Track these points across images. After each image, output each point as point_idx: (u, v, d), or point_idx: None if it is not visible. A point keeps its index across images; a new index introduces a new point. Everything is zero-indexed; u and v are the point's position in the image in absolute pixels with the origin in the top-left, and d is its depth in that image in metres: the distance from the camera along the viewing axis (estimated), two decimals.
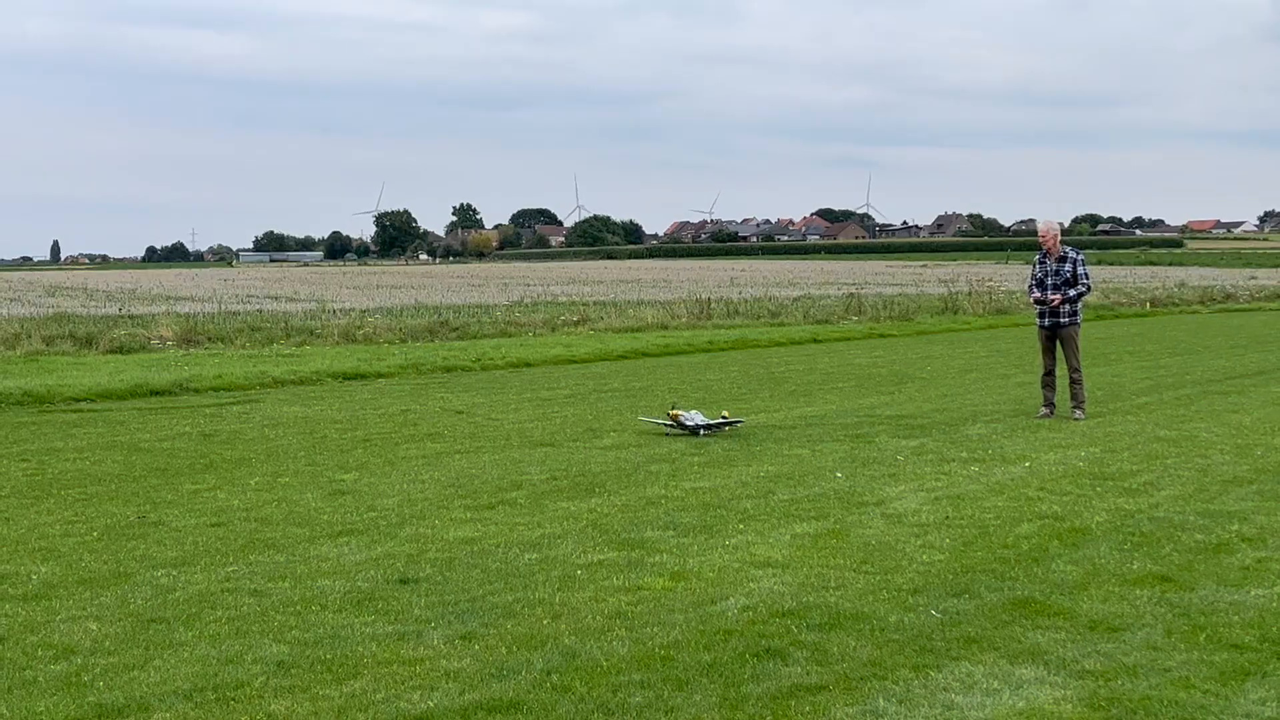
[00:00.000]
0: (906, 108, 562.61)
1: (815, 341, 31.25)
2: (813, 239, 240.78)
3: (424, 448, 13.96)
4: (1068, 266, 15.85)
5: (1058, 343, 16.07)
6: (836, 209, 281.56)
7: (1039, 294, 16.08)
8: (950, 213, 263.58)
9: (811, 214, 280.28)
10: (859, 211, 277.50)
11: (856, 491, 11.09)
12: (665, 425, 14.84)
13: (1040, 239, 16.07)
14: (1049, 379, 16.11)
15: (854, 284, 62.61)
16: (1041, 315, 16.17)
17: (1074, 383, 15.90)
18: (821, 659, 6.61)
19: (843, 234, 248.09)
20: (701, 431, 14.52)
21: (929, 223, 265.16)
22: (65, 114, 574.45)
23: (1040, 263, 16.10)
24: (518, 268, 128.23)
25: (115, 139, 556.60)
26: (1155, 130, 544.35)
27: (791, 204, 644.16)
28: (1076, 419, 15.55)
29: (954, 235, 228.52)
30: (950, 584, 8.02)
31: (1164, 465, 12.29)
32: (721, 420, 14.88)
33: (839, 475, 11.89)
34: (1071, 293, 15.83)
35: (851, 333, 33.50)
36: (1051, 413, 15.87)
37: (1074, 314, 15.97)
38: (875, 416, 16.13)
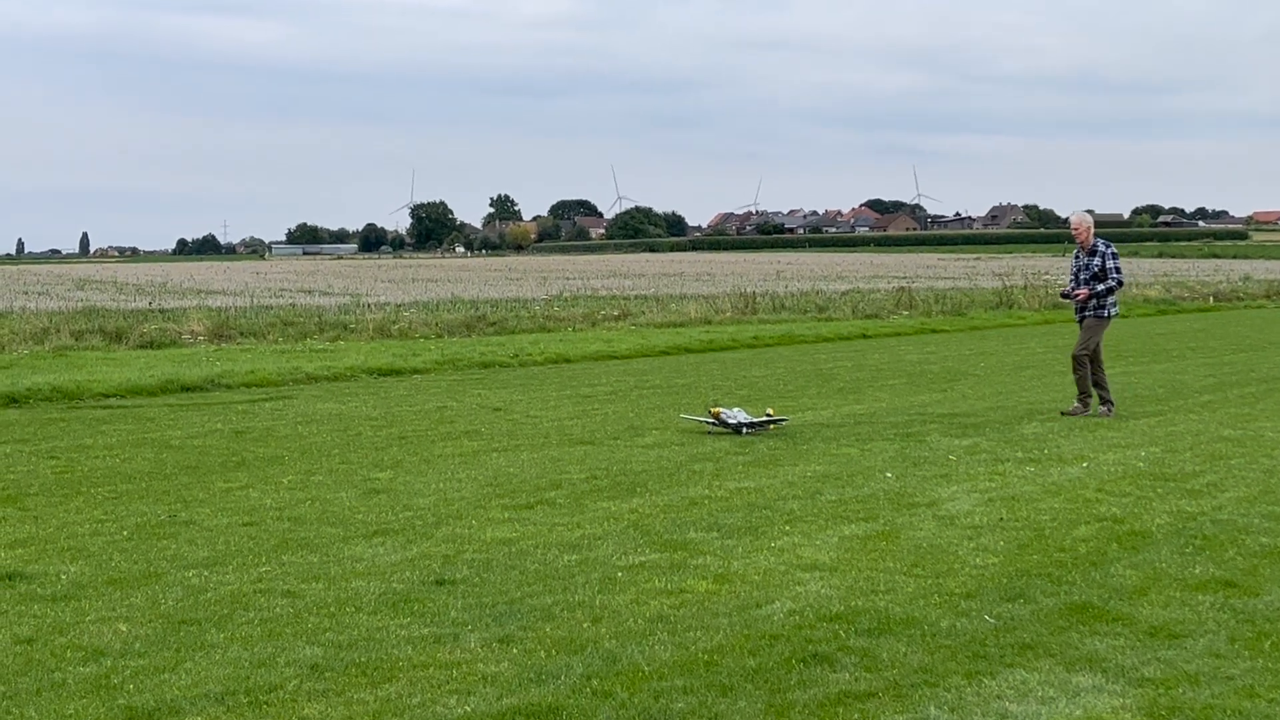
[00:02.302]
0: (960, 95, 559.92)
1: (864, 337, 31.17)
2: (862, 231, 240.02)
3: (461, 446, 14.01)
4: (1096, 260, 15.99)
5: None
6: (886, 199, 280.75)
7: (1068, 288, 16.36)
8: (1005, 203, 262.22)
9: (860, 205, 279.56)
10: (910, 203, 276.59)
11: (907, 492, 11.06)
12: (708, 423, 14.82)
13: (1073, 231, 16.25)
14: (1094, 376, 16.16)
15: (904, 277, 62.43)
16: (1076, 310, 16.40)
17: (1073, 371, 16.09)
18: (871, 665, 6.60)
19: (893, 225, 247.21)
20: (745, 430, 14.50)
21: (983, 214, 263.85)
22: (94, 103, 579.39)
23: (1076, 257, 16.37)
24: (556, 261, 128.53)
25: (145, 128, 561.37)
26: (1219, 118, 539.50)
27: (840, 194, 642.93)
28: (1069, 412, 15.70)
29: (1009, 227, 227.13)
30: (1005, 588, 7.99)
31: (1228, 466, 12.20)
32: (766, 418, 14.86)
33: (889, 475, 11.86)
34: (1100, 287, 15.92)
35: (902, 328, 33.39)
36: (1110, 411, 15.85)
37: (1100, 308, 16.03)
38: (927, 414, 16.08)
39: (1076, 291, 16.02)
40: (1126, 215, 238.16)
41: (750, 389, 19.41)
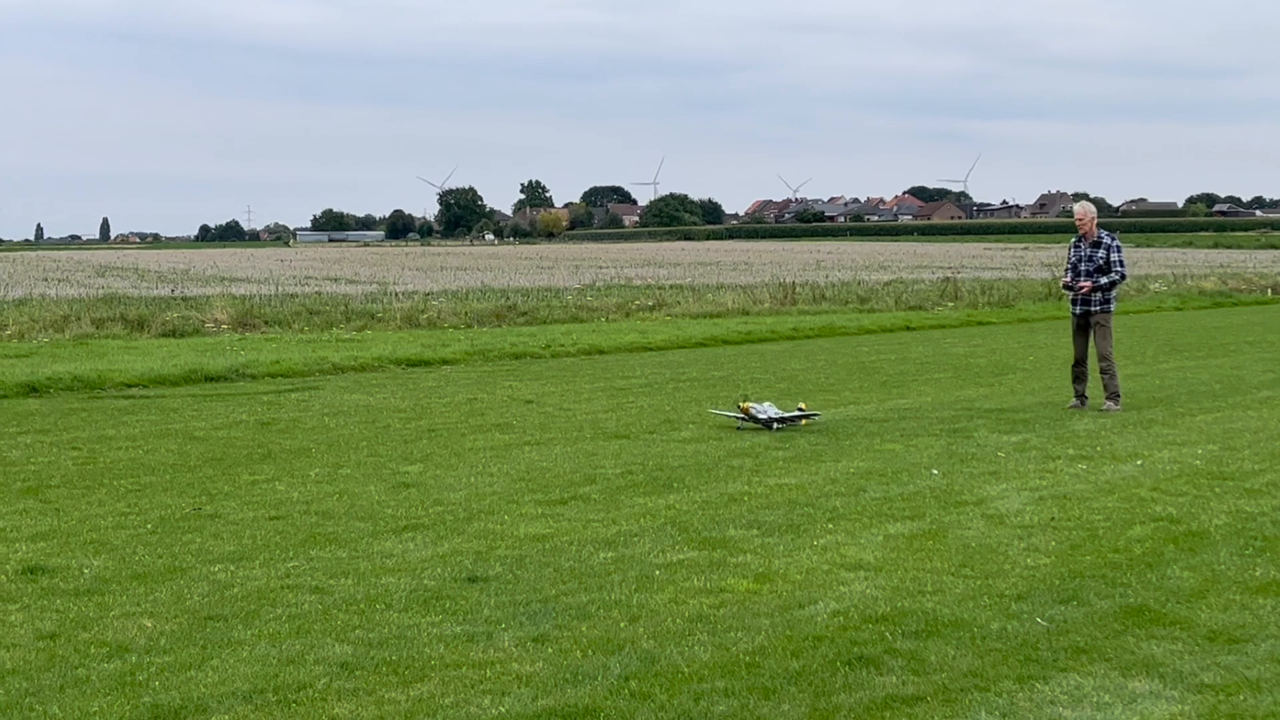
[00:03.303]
0: (1008, 78, 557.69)
1: (908, 329, 31.07)
2: (905, 219, 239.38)
3: (492, 439, 14.03)
4: (1101, 252, 16.12)
5: (1090, 332, 16.28)
6: (931, 187, 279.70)
7: (1069, 279, 16.42)
8: (1054, 191, 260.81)
9: (904, 192, 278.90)
10: (955, 190, 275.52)
11: (954, 490, 11.02)
12: (738, 418, 14.75)
13: (1076, 222, 16.44)
14: (1078, 369, 16.33)
15: (950, 267, 62.22)
16: (1074, 302, 16.44)
17: (1103, 373, 16.12)
18: (918, 668, 6.58)
19: (937, 214, 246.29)
20: (775, 425, 14.42)
21: (1031, 202, 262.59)
22: (115, 85, 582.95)
23: (1075, 247, 16.49)
24: (589, 249, 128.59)
25: (168, 111, 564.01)
26: (1277, 103, 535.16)
27: (882, 182, 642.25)
28: (1106, 410, 15.70)
29: (1058, 216, 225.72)
30: (1057, 590, 7.95)
31: None
32: (797, 413, 14.78)
33: (935, 472, 11.81)
34: (1104, 280, 16.05)
35: (947, 320, 33.28)
36: (1083, 405, 16.05)
37: (1106, 302, 16.19)
38: (974, 409, 16.01)
39: (1080, 284, 16.15)
40: (1181, 204, 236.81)
41: (790, 382, 19.37)
